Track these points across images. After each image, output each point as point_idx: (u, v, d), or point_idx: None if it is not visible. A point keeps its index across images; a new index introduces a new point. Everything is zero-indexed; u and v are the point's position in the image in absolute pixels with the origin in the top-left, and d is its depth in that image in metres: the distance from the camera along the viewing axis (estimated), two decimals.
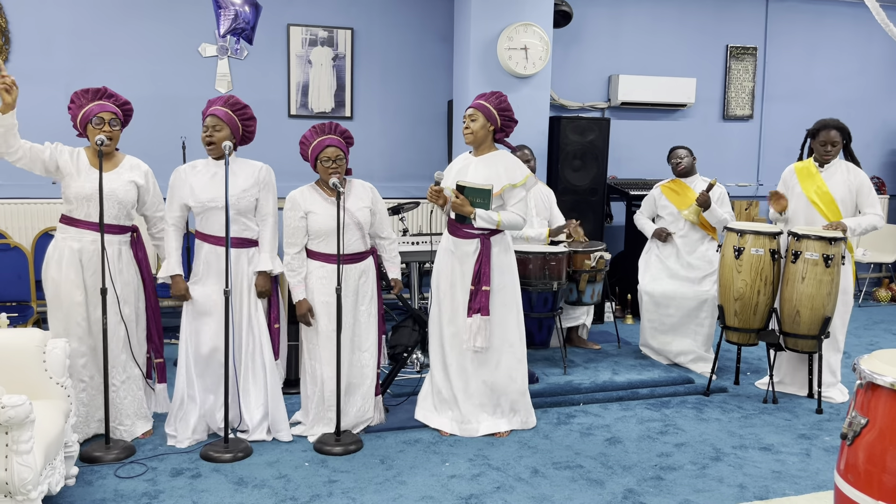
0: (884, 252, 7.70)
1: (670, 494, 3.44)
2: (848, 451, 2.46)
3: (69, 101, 3.81)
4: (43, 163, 3.71)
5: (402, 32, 6.66)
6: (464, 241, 4.01)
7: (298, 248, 3.88)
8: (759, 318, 4.59)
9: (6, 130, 3.54)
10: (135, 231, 3.90)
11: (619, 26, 7.08)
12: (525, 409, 4.16)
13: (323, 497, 3.36)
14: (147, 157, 4.15)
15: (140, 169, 3.90)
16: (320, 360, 3.90)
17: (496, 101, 4.01)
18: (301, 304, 3.86)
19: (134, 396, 3.90)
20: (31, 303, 5.41)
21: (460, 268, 4.02)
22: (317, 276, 3.88)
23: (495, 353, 4.05)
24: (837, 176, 4.62)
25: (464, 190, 3.90)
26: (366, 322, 3.96)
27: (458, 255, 4.02)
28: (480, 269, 3.95)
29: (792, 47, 7.60)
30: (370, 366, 3.99)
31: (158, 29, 6.10)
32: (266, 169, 3.94)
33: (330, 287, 3.84)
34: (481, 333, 3.95)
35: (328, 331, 3.86)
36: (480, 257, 3.96)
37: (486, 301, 3.95)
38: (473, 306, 3.96)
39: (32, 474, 2.71)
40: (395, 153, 6.77)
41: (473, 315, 3.95)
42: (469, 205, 3.89)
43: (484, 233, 3.98)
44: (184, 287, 3.81)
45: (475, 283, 3.96)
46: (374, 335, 4.00)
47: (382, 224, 4.01)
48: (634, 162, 7.21)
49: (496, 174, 3.97)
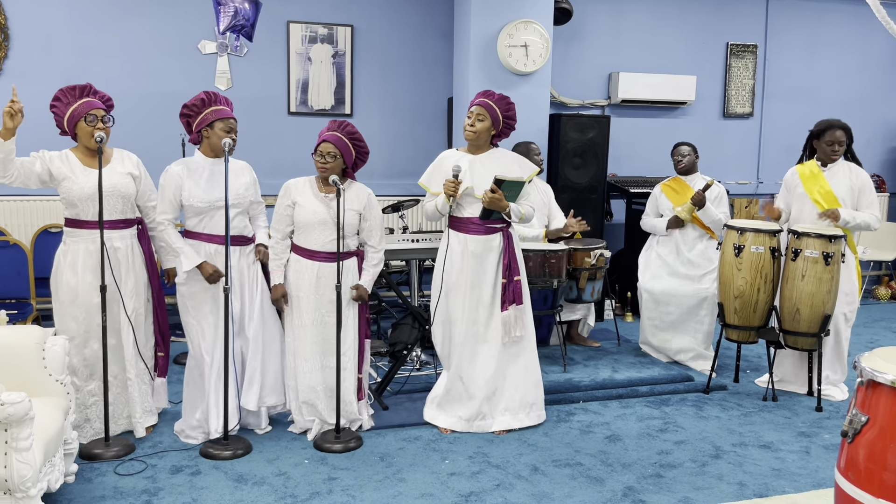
0: (884, 250, 7.70)
1: (670, 492, 3.44)
2: (848, 449, 2.46)
3: (53, 98, 3.73)
4: (37, 176, 3.67)
5: (402, 29, 6.65)
6: (485, 238, 4.00)
7: (282, 234, 3.90)
8: (759, 315, 4.59)
9: (5, 156, 3.52)
10: (140, 223, 3.91)
11: (619, 24, 7.07)
12: (539, 402, 4.16)
13: (323, 494, 3.35)
14: (146, 154, 4.14)
15: (132, 160, 3.90)
16: (294, 353, 3.91)
17: (504, 107, 4.03)
18: (276, 289, 3.88)
19: (140, 391, 3.91)
20: (30, 300, 5.40)
21: (481, 265, 4.00)
22: (293, 269, 3.88)
23: (514, 345, 4.06)
24: (840, 176, 4.62)
25: (502, 184, 3.89)
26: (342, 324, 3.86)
27: (478, 253, 4.00)
28: (510, 261, 3.99)
29: (792, 45, 7.59)
30: (348, 368, 3.91)
31: (158, 26, 6.09)
32: (250, 166, 4.03)
33: (303, 282, 3.84)
34: (519, 322, 4.00)
35: (298, 325, 3.87)
36: (507, 250, 3.99)
37: (521, 290, 4.01)
38: (507, 298, 3.99)
39: (32, 471, 2.71)
40: (394, 150, 6.76)
41: (509, 306, 3.98)
42: (505, 199, 3.91)
43: (505, 226, 4.02)
44: (212, 268, 3.76)
45: (506, 276, 3.99)
46: (353, 338, 3.93)
47: (372, 231, 3.95)
48: (634, 159, 7.21)
49: (511, 170, 4.00)
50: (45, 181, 3.72)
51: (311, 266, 3.84)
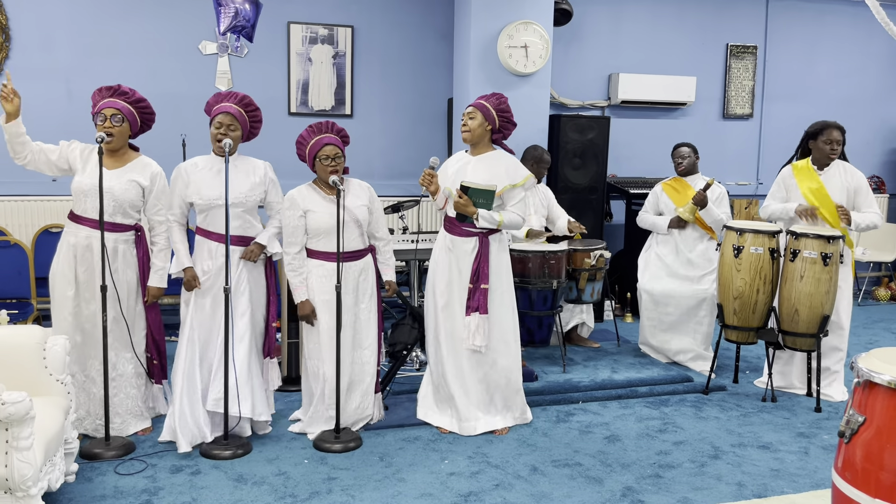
0: (883, 251, 7.70)
1: (669, 492, 3.44)
2: (846, 449, 2.47)
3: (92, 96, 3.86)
4: (51, 164, 3.77)
5: (402, 30, 6.66)
6: (462, 240, 4.01)
7: (298, 247, 3.89)
8: (758, 316, 4.60)
9: (11, 138, 3.65)
10: (138, 231, 3.90)
11: (619, 25, 7.08)
12: (520, 407, 4.17)
13: (322, 494, 3.36)
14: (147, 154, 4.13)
15: (148, 170, 3.88)
16: (322, 358, 3.90)
17: (495, 102, 4.02)
18: (304, 305, 3.86)
19: (126, 394, 3.89)
20: (31, 300, 5.41)
21: (458, 265, 4.02)
22: (316, 274, 3.88)
23: (491, 351, 4.05)
24: (835, 177, 4.63)
25: (468, 190, 3.90)
26: (366, 319, 3.97)
27: (456, 253, 4.02)
28: (479, 267, 3.96)
29: (792, 46, 7.60)
30: (370, 363, 4.00)
31: (159, 26, 6.10)
32: (269, 165, 4.00)
33: (330, 285, 3.85)
34: (480, 332, 3.96)
35: (330, 329, 3.86)
36: (479, 256, 3.97)
37: (485, 299, 3.95)
38: (472, 305, 3.97)
39: (32, 471, 2.72)
40: (395, 151, 6.77)
41: (472, 313, 3.96)
42: (472, 205, 3.90)
43: (482, 231, 3.99)
44: (192, 274, 3.78)
45: (473, 282, 3.97)
46: (375, 332, 4.01)
47: (378, 223, 4.02)
48: (634, 160, 7.22)
49: (497, 174, 3.98)
50: (63, 169, 3.82)
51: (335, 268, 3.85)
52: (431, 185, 3.98)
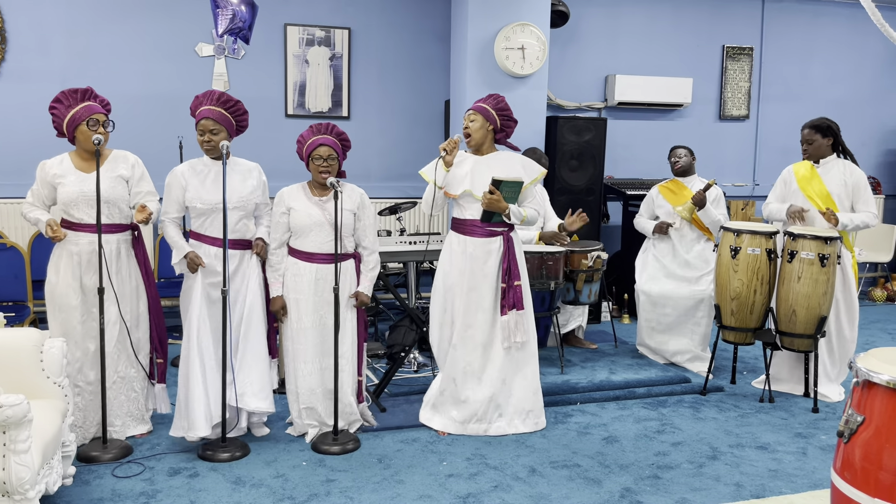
0: (879, 252, 7.72)
1: (667, 493, 3.45)
2: (844, 449, 2.47)
3: (53, 100, 3.72)
4: (52, 197, 3.78)
5: (399, 32, 6.67)
6: (485, 240, 4.00)
7: (279, 242, 3.89)
8: (756, 317, 4.61)
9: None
10: (135, 229, 3.89)
11: (615, 26, 7.09)
12: (538, 409, 4.14)
13: (321, 496, 3.36)
14: (143, 156, 4.12)
15: (127, 161, 3.84)
16: (294, 356, 3.90)
17: (493, 102, 4.04)
18: (276, 300, 3.89)
19: (126, 397, 3.88)
20: (27, 303, 5.40)
21: (481, 268, 3.99)
22: (290, 272, 3.88)
23: (519, 352, 4.06)
24: (834, 173, 4.65)
25: (500, 185, 3.88)
26: (333, 326, 3.84)
27: (478, 255, 4.00)
28: (510, 265, 3.98)
29: (788, 47, 7.62)
30: (347, 370, 3.90)
31: (155, 28, 6.10)
32: (258, 167, 3.99)
33: (300, 284, 3.84)
34: (520, 328, 3.98)
35: (297, 328, 3.87)
36: (508, 254, 3.98)
37: (521, 295, 3.99)
38: (507, 303, 3.97)
39: (30, 474, 2.71)
40: (391, 153, 6.77)
41: (509, 311, 3.97)
42: (504, 200, 3.90)
43: (505, 230, 4.01)
44: (193, 254, 3.75)
45: (506, 280, 3.97)
46: (352, 340, 3.93)
47: (365, 232, 3.96)
48: (631, 162, 7.23)
49: (516, 171, 4.00)
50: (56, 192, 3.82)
51: (310, 268, 3.84)
52: (453, 152, 3.94)
